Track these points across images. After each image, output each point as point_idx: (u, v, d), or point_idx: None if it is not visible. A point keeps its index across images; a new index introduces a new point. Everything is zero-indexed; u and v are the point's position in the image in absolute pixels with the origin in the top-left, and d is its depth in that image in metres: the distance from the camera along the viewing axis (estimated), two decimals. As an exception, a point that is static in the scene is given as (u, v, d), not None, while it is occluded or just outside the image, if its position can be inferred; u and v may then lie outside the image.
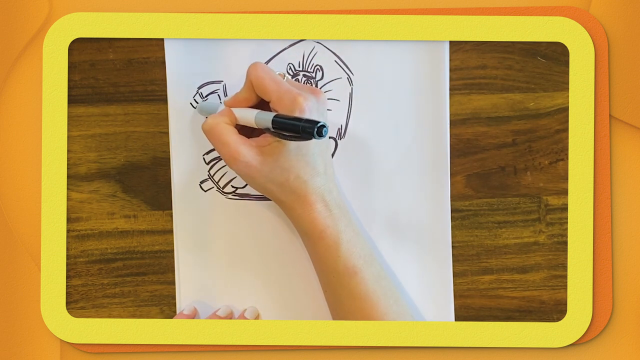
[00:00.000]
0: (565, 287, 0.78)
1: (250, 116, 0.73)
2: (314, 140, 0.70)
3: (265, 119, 0.71)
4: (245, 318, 0.78)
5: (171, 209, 0.79)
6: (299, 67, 0.79)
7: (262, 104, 0.74)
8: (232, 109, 0.74)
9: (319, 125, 0.66)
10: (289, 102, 0.70)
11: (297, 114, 0.70)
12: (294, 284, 0.79)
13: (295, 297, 0.79)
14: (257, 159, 0.71)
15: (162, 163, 0.79)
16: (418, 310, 0.78)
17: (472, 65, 0.78)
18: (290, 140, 0.70)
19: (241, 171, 0.72)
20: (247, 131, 0.74)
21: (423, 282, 0.79)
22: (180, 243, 0.79)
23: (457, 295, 0.79)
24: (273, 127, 0.70)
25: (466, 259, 0.79)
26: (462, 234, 0.79)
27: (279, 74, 0.75)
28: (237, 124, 0.74)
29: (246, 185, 0.79)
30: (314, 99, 0.71)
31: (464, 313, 0.79)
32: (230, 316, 0.78)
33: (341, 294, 0.73)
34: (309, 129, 0.67)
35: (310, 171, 0.72)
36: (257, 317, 0.79)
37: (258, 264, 0.79)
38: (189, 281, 0.79)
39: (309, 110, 0.70)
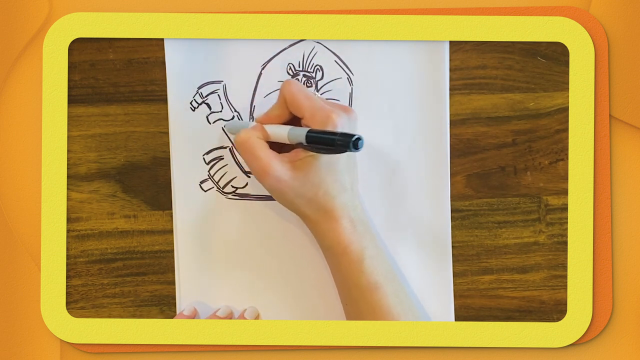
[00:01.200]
0: (565, 287, 0.78)
1: (282, 132, 0.73)
2: (344, 155, 0.72)
3: (298, 134, 0.72)
4: (245, 318, 0.78)
5: (171, 209, 0.79)
6: (299, 67, 0.79)
7: (292, 121, 0.74)
8: (264, 125, 0.75)
9: (355, 138, 0.68)
10: (321, 118, 0.71)
11: (321, 125, 0.71)
12: (294, 284, 0.79)
13: (295, 297, 0.79)
14: (289, 174, 0.72)
15: (162, 163, 0.79)
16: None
17: (472, 65, 0.78)
18: (325, 153, 0.71)
19: (272, 185, 0.73)
20: (277, 148, 0.74)
21: (423, 282, 0.79)
22: (180, 243, 0.79)
23: (457, 295, 0.79)
24: (307, 142, 0.71)
25: (466, 259, 0.79)
26: (462, 234, 0.79)
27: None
28: (268, 141, 0.74)
29: (246, 185, 0.79)
30: (346, 116, 0.73)
31: (464, 313, 0.79)
32: (230, 316, 0.78)
33: (362, 308, 0.74)
34: (345, 142, 0.68)
35: (339, 187, 0.73)
36: (257, 317, 0.79)
37: (258, 264, 0.79)
38: (189, 281, 0.79)
39: (341, 126, 0.71)
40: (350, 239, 0.73)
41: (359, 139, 0.68)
